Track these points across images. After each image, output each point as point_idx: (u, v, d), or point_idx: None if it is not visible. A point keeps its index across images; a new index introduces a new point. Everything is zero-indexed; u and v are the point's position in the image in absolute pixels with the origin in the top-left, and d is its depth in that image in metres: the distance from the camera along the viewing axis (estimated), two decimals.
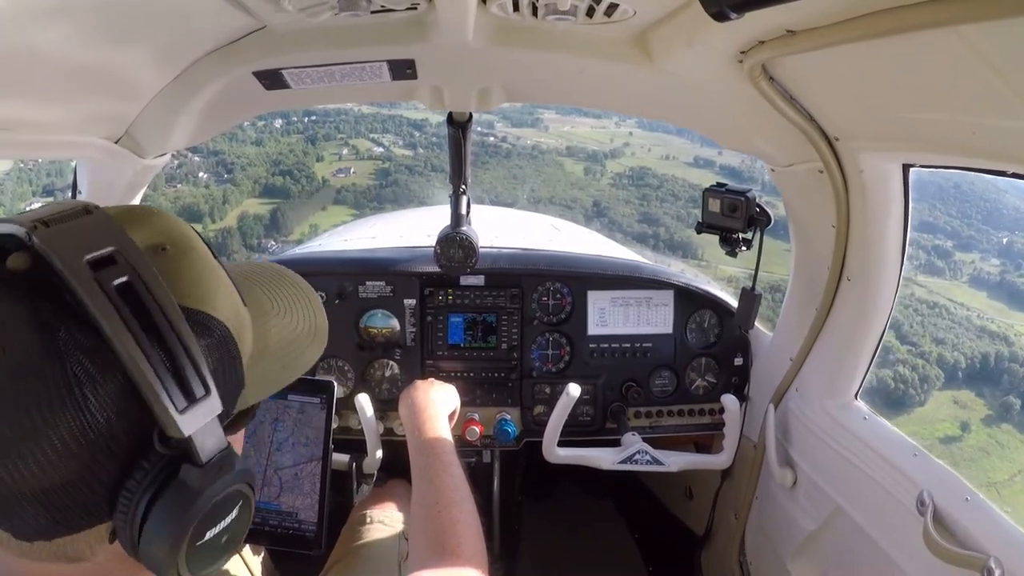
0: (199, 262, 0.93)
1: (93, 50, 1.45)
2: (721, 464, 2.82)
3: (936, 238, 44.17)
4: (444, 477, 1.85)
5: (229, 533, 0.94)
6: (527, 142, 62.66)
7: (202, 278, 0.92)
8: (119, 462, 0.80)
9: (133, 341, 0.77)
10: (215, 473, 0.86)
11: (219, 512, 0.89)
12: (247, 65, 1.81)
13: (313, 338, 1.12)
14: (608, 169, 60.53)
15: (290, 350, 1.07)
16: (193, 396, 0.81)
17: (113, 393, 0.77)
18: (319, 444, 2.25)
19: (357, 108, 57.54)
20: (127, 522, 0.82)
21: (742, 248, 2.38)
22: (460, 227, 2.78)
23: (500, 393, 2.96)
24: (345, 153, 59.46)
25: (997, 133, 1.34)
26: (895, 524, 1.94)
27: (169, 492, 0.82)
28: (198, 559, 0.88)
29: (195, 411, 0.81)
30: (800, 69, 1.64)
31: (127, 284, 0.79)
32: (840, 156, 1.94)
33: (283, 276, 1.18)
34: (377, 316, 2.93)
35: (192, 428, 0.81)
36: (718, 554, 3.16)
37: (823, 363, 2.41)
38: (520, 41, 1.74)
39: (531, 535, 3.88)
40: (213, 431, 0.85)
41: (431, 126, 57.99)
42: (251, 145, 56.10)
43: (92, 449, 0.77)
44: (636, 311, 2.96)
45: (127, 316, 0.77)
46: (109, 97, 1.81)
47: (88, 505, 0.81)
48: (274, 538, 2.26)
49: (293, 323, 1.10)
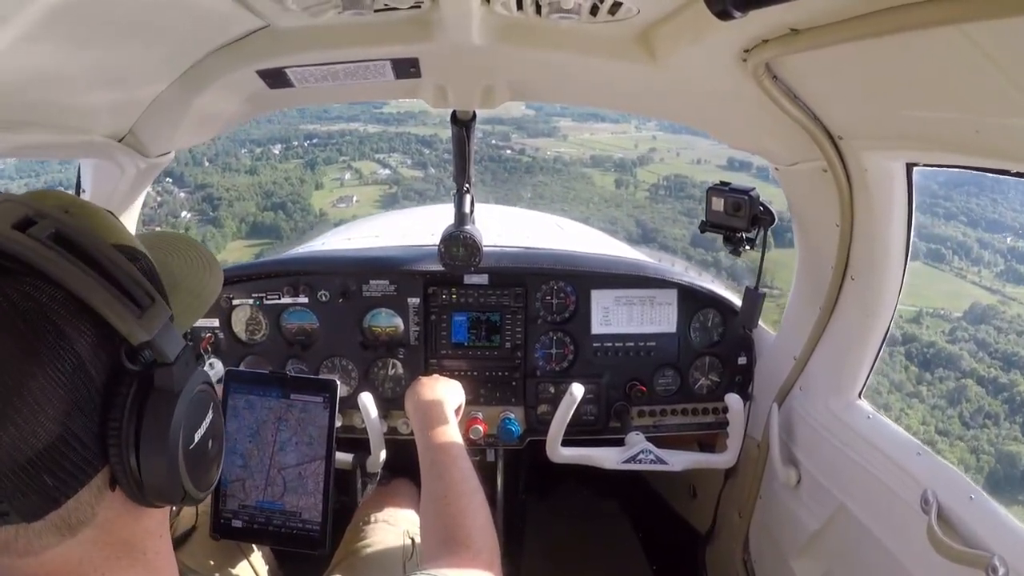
0: (98, 214, 1.03)
1: (97, 49, 1.46)
2: (725, 463, 2.82)
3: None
4: (452, 471, 1.87)
5: (212, 436, 1.03)
6: (547, 154, 57.21)
7: (112, 225, 1.03)
8: (99, 395, 0.87)
9: (80, 272, 0.85)
10: (185, 369, 0.95)
11: (198, 409, 0.99)
12: (251, 64, 1.81)
13: (209, 272, 1.21)
14: (640, 179, 55.14)
15: (193, 281, 1.16)
16: (142, 305, 0.89)
17: (75, 328, 0.85)
18: (322, 443, 2.26)
19: (362, 127, 54.06)
20: (121, 454, 0.88)
21: (745, 247, 2.38)
22: (464, 226, 2.78)
23: (504, 392, 2.96)
24: (348, 178, 53.87)
25: (1002, 132, 1.34)
26: (899, 523, 1.94)
27: (151, 402, 0.90)
28: (197, 471, 0.97)
29: (149, 316, 0.90)
30: (804, 68, 1.64)
31: (57, 233, 0.86)
32: (844, 155, 1.93)
33: (162, 234, 1.31)
34: (381, 315, 2.94)
35: (153, 330, 0.89)
36: (722, 553, 3.16)
37: (827, 362, 2.41)
38: (524, 39, 1.74)
39: (535, 534, 3.89)
40: (171, 332, 0.93)
41: (441, 142, 50.88)
42: (244, 174, 49.80)
43: (72, 390, 0.84)
44: (640, 310, 2.96)
45: (67, 255, 0.85)
46: (113, 96, 1.81)
47: (84, 452, 0.86)
48: (278, 538, 2.26)
49: (189, 262, 1.19)
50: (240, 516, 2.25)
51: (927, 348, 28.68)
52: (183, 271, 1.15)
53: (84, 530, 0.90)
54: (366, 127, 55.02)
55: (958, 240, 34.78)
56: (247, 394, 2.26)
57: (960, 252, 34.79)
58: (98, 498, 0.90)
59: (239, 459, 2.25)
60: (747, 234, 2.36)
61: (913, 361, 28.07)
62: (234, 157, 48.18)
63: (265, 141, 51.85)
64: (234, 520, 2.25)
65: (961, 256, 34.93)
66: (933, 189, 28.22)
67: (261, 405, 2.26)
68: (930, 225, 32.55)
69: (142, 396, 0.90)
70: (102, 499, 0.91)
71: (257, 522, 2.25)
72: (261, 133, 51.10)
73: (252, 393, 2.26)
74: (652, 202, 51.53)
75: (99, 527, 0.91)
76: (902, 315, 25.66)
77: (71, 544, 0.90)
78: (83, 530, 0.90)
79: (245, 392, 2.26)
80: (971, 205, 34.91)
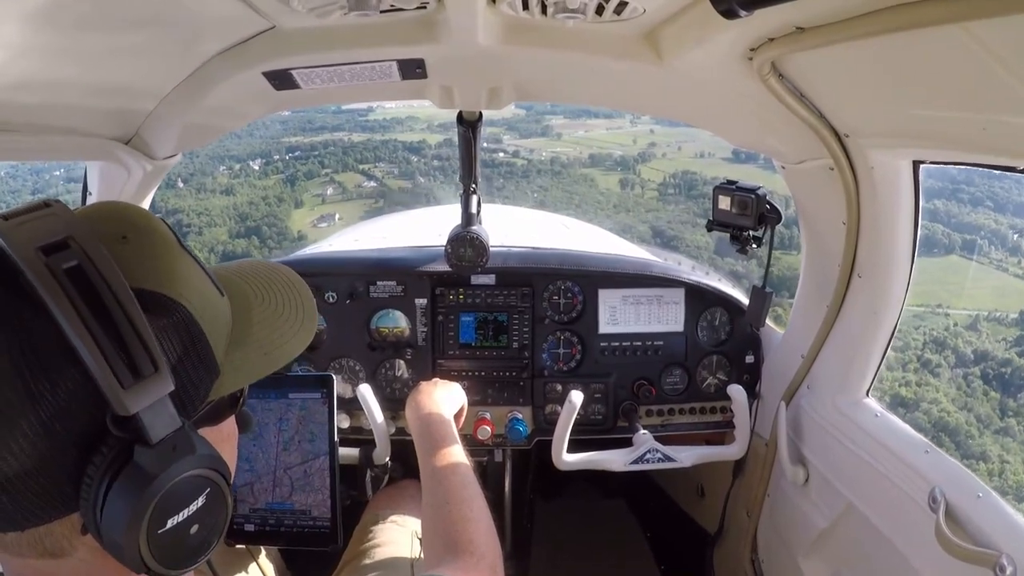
0: (160, 247, 0.94)
1: (103, 51, 1.47)
2: (733, 455, 2.81)
3: None
4: (452, 476, 1.86)
5: (200, 524, 0.92)
6: (543, 155, 51.40)
7: (162, 262, 0.92)
8: (78, 447, 0.81)
9: (78, 318, 0.78)
10: (169, 454, 0.85)
11: (180, 496, 0.88)
12: (257, 65, 1.82)
13: (300, 327, 1.11)
14: (645, 177, 49.43)
15: (273, 339, 1.06)
16: (140, 373, 0.81)
17: (66, 376, 0.79)
18: (324, 439, 2.27)
19: (347, 136, 49.32)
20: (89, 508, 0.83)
21: (752, 246, 2.38)
22: (471, 226, 2.79)
23: (511, 392, 2.96)
24: (330, 193, 47.63)
25: (1008, 129, 1.33)
26: (907, 521, 1.93)
27: (124, 475, 0.82)
28: (166, 550, 0.87)
29: (142, 388, 0.81)
30: (810, 66, 1.63)
31: (77, 267, 0.80)
32: (850, 153, 1.93)
33: (275, 270, 1.19)
34: (388, 316, 2.94)
35: (139, 405, 0.81)
36: (730, 552, 3.16)
37: (834, 360, 2.40)
38: (530, 40, 1.74)
39: (543, 534, 3.89)
40: (164, 410, 0.84)
41: (430, 148, 47.77)
42: (220, 195, 43.52)
43: (50, 435, 0.79)
44: (647, 309, 2.95)
45: (73, 295, 0.78)
46: (119, 98, 1.82)
47: (53, 493, 0.82)
48: (291, 538, 2.28)
49: (278, 312, 1.09)
50: (252, 520, 2.26)
51: (1003, 367, 22.56)
52: (265, 325, 1.06)
53: (67, 559, 0.89)
54: (351, 136, 49.12)
55: (991, 228, 29.85)
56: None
57: (996, 241, 29.76)
58: (74, 534, 0.87)
59: (245, 463, 2.26)
60: (754, 232, 2.36)
61: (992, 385, 22.03)
62: (211, 176, 43.68)
63: (245, 157, 47.29)
64: (246, 524, 2.27)
65: (997, 246, 29.82)
66: (952, 174, 24.76)
67: (261, 407, 2.27)
68: (958, 214, 28.72)
69: (119, 463, 0.83)
70: (77, 537, 0.88)
71: (269, 524, 2.26)
72: (241, 149, 46.69)
73: (251, 396, 2.26)
74: (664, 203, 46.15)
75: (82, 560, 0.90)
76: (956, 322, 22.57)
77: (61, 563, 0.89)
78: (66, 559, 0.89)
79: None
80: (995, 189, 29.21)
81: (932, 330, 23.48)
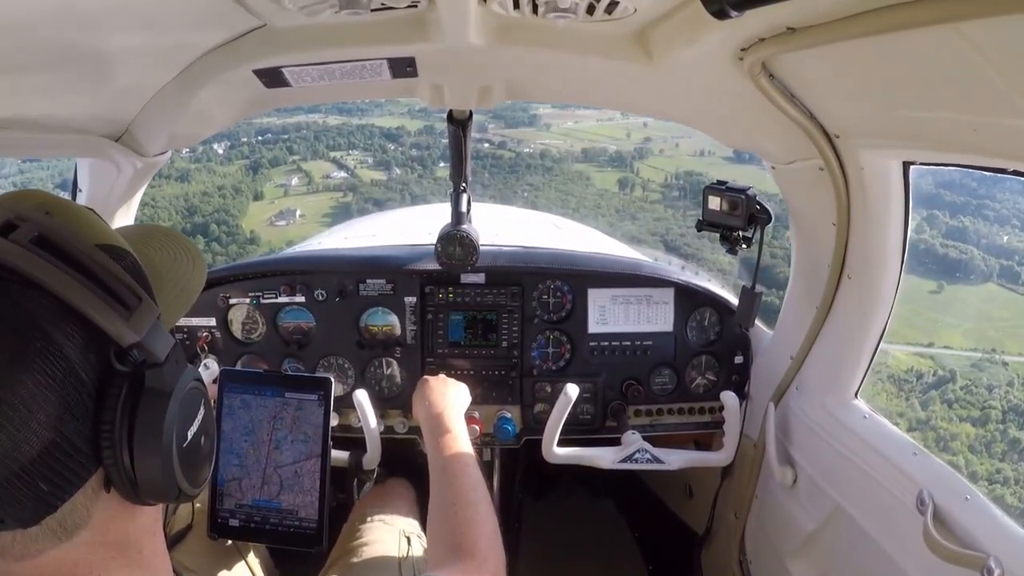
0: (83, 214, 1.01)
1: (93, 48, 1.46)
2: (721, 461, 2.82)
3: None
4: (463, 478, 1.88)
5: (204, 433, 1.03)
6: (531, 147, 46.78)
7: (94, 223, 1.00)
8: (90, 398, 0.87)
9: (65, 275, 0.84)
10: (175, 368, 0.95)
11: (190, 406, 0.99)
12: (247, 63, 1.81)
13: (193, 266, 1.19)
14: (644, 177, 44.88)
15: (179, 278, 1.15)
16: (129, 306, 0.89)
17: (62, 333, 0.84)
18: (318, 441, 2.26)
19: (322, 119, 44.27)
20: (115, 455, 0.88)
21: (742, 246, 2.38)
22: (461, 225, 2.78)
23: (500, 391, 2.96)
24: (295, 183, 42.84)
25: (998, 131, 1.34)
26: (895, 523, 1.94)
27: (143, 403, 0.89)
28: (190, 466, 0.98)
29: (137, 316, 0.89)
30: (800, 67, 1.64)
31: (40, 236, 0.85)
32: (840, 154, 1.93)
33: (150, 229, 1.27)
34: (377, 314, 2.93)
35: (142, 330, 0.89)
36: (718, 553, 3.16)
37: (823, 361, 2.41)
38: (521, 39, 1.74)
39: (531, 534, 3.88)
40: (160, 331, 0.93)
41: (409, 135, 44.61)
42: (174, 181, 37.53)
43: (62, 395, 0.83)
44: (636, 309, 2.95)
45: (50, 258, 0.84)
46: (109, 95, 1.82)
47: (76, 456, 0.85)
48: (275, 536, 2.27)
49: (172, 257, 1.17)
50: (237, 515, 2.25)
51: None
52: (167, 265, 1.14)
53: (80, 532, 0.90)
54: (326, 119, 45.21)
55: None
56: (242, 393, 2.26)
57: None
58: (92, 500, 0.90)
59: (235, 458, 2.25)
60: (744, 233, 2.36)
61: None
62: (169, 160, 40.40)
63: (211, 138, 44.47)
64: (231, 519, 2.25)
65: None
66: (972, 187, 22.52)
67: (256, 404, 2.26)
68: (988, 234, 24.38)
69: (134, 397, 0.89)
70: (96, 501, 0.90)
71: (254, 521, 2.25)
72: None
73: (247, 392, 2.27)
74: (671, 210, 40.55)
75: (94, 529, 0.91)
76: (1020, 373, 17.98)
77: (67, 547, 0.90)
78: (79, 532, 0.90)
79: (240, 391, 2.26)
80: (1021, 205, 23.25)
81: (1002, 389, 18.55)
